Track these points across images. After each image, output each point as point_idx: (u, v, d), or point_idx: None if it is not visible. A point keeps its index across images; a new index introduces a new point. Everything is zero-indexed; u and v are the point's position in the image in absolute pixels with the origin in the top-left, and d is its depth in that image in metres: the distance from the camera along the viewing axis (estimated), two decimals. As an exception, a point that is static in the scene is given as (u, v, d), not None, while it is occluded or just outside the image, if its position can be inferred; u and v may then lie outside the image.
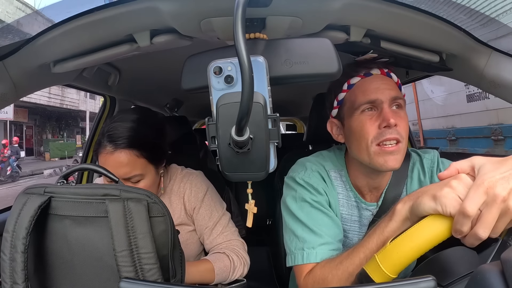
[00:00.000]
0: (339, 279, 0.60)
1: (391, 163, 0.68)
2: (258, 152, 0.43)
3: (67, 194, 0.58)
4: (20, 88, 0.71)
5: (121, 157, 0.81)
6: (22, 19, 0.72)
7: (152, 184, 0.88)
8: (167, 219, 0.58)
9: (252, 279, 0.95)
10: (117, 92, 1.37)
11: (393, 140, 0.68)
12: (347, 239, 0.81)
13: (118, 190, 0.56)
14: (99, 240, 0.56)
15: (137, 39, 0.64)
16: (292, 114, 3.43)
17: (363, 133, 0.70)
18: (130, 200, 0.55)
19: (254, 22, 0.55)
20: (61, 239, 0.58)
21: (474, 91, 4.68)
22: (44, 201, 0.57)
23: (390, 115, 0.68)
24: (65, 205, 0.58)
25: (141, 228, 0.54)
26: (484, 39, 0.68)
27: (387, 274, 0.46)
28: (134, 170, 0.83)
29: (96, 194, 0.57)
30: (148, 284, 0.46)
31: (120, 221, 0.54)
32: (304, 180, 0.76)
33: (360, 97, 0.72)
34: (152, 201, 0.57)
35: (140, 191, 0.57)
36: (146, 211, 0.55)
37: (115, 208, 0.55)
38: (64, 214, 0.58)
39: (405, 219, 0.53)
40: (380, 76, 0.73)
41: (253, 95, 0.37)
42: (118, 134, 0.82)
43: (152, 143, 0.87)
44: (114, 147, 0.81)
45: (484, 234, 0.41)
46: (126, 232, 0.53)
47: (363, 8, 0.57)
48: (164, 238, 0.57)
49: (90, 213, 0.57)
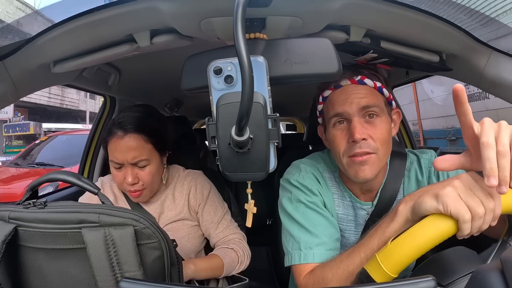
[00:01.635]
0: (339, 278, 0.60)
1: (362, 174, 0.68)
2: (258, 152, 0.43)
3: (35, 223, 0.49)
4: (20, 88, 0.71)
5: (130, 141, 0.87)
6: (22, 19, 0.72)
7: (156, 171, 0.93)
8: (161, 243, 0.49)
9: (252, 279, 0.96)
10: (117, 92, 1.37)
11: (362, 154, 0.68)
12: (343, 238, 0.82)
13: (97, 215, 0.47)
14: (80, 273, 0.48)
15: (137, 39, 0.64)
16: (292, 114, 3.43)
17: (335, 146, 0.72)
18: (112, 226, 0.46)
19: (254, 22, 0.55)
20: (36, 272, 0.50)
21: (474, 91, 4.68)
22: (9, 233, 0.48)
23: (356, 130, 0.67)
24: (34, 236, 0.49)
25: (128, 260, 0.45)
26: (484, 39, 0.67)
27: (388, 274, 0.46)
28: (142, 155, 0.88)
29: (70, 221, 0.47)
30: (148, 284, 0.46)
31: (101, 254, 0.45)
32: (298, 181, 0.77)
33: (330, 110, 0.72)
34: (142, 226, 0.47)
35: (125, 214, 0.48)
36: (133, 239, 0.46)
37: (94, 238, 0.45)
38: (35, 247, 0.49)
39: (407, 220, 0.53)
40: (351, 86, 0.71)
41: (253, 95, 0.37)
42: (127, 120, 0.89)
43: (158, 131, 0.93)
44: (124, 132, 0.88)
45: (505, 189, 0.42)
46: (110, 267, 0.45)
47: (363, 8, 0.57)
48: (159, 264, 0.49)
49: (65, 244, 0.48)
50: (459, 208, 0.45)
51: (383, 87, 0.72)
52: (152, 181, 0.92)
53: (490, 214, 0.45)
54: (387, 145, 0.71)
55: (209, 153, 1.70)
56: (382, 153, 0.69)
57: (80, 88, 1.25)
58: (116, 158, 0.88)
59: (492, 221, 0.46)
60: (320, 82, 0.76)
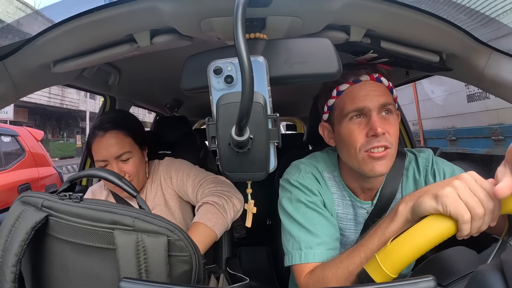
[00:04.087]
0: (339, 278, 0.60)
1: (379, 169, 0.69)
2: (258, 152, 0.43)
3: (68, 215, 0.49)
4: (20, 88, 0.71)
5: (111, 138, 0.96)
6: (22, 19, 0.72)
7: (139, 163, 1.01)
8: (192, 258, 0.47)
9: (252, 279, 0.96)
10: (117, 92, 1.37)
11: (381, 148, 0.68)
12: (343, 237, 0.82)
13: (132, 219, 0.45)
14: (104, 272, 0.47)
15: (137, 39, 0.64)
16: (292, 114, 3.43)
17: (351, 141, 0.71)
18: (146, 233, 0.45)
19: (254, 22, 0.55)
20: (60, 264, 0.50)
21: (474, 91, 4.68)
22: (40, 220, 0.48)
23: (377, 124, 0.68)
24: (65, 229, 0.49)
25: (157, 269, 0.44)
26: (484, 39, 0.67)
27: (388, 274, 0.46)
28: (123, 148, 0.97)
29: (103, 220, 0.47)
30: (148, 284, 0.46)
31: (131, 259, 0.43)
32: (298, 181, 0.77)
33: (348, 104, 0.72)
34: (177, 238, 0.45)
35: (160, 223, 0.46)
36: (165, 249, 0.45)
37: (126, 242, 0.44)
38: (63, 238, 0.49)
39: (407, 220, 0.53)
40: (370, 82, 0.72)
41: (253, 95, 0.37)
42: (105, 121, 0.99)
43: (134, 127, 1.04)
44: (104, 131, 0.96)
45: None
46: (138, 274, 0.44)
47: (363, 8, 0.57)
48: (186, 279, 0.48)
49: (94, 242, 0.47)
50: (459, 208, 0.44)
51: (393, 88, 0.75)
52: (137, 172, 1.00)
53: (490, 214, 0.45)
54: (398, 142, 0.72)
55: (209, 153, 1.70)
56: (395, 149, 0.71)
57: (80, 88, 1.25)
58: (101, 156, 0.96)
59: (491, 221, 0.46)
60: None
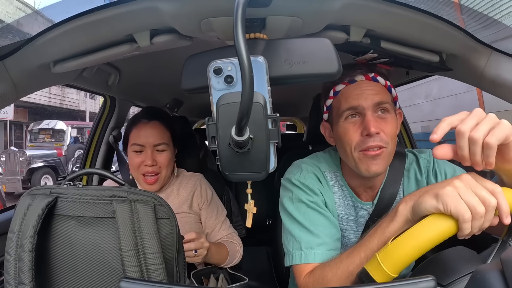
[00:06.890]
0: (339, 278, 0.60)
1: (374, 168, 0.69)
2: (258, 152, 0.43)
3: (75, 195, 0.59)
4: (20, 88, 0.71)
5: (154, 126, 1.04)
6: (22, 19, 0.72)
7: (171, 159, 1.07)
8: (172, 221, 0.58)
9: (252, 279, 0.96)
10: (117, 92, 1.37)
11: (376, 147, 0.68)
12: (344, 238, 0.82)
13: (125, 192, 0.57)
14: (103, 242, 0.56)
15: (137, 39, 0.64)
16: (292, 114, 3.43)
17: (346, 140, 0.71)
18: (137, 201, 0.56)
19: (254, 22, 0.55)
20: (65, 242, 0.58)
21: (474, 91, 4.68)
22: (51, 201, 0.57)
23: (371, 123, 0.68)
24: (71, 205, 0.58)
25: (148, 229, 0.54)
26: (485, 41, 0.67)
27: (388, 274, 0.46)
28: (162, 139, 1.04)
29: (103, 195, 0.58)
30: (148, 284, 0.46)
31: (127, 221, 0.54)
32: (300, 181, 0.77)
33: (343, 104, 0.72)
34: (159, 203, 0.57)
35: (147, 194, 0.58)
36: (152, 212, 0.56)
37: (123, 209, 0.55)
38: (69, 215, 0.58)
39: (407, 220, 0.53)
40: (365, 82, 0.72)
41: (253, 95, 0.37)
42: (151, 112, 1.08)
43: (173, 125, 1.11)
44: (148, 120, 1.05)
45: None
46: (133, 233, 0.54)
47: (363, 8, 0.57)
48: (170, 240, 0.58)
49: (97, 213, 0.57)
50: (459, 207, 0.44)
51: (391, 87, 0.75)
52: (167, 165, 1.05)
53: (491, 212, 0.45)
54: (395, 141, 0.72)
55: (209, 153, 1.70)
56: (391, 148, 0.71)
57: (80, 88, 1.25)
58: (140, 141, 1.02)
59: (503, 218, 0.45)
60: None
